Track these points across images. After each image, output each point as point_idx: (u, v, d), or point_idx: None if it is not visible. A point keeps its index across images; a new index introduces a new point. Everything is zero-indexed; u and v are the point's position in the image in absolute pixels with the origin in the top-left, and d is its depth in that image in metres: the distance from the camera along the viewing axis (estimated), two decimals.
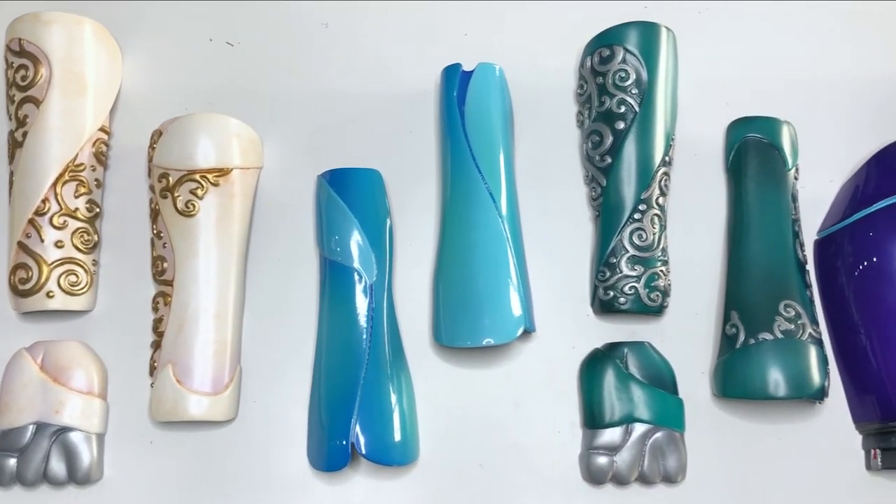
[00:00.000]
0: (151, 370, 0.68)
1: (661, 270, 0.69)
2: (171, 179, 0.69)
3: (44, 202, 0.68)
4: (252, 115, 0.72)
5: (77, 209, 0.69)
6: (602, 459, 0.67)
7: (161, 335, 0.68)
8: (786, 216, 0.71)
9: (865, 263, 0.69)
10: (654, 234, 0.69)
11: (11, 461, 0.66)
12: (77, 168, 0.70)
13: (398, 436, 0.66)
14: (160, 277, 0.69)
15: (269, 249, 0.72)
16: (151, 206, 0.70)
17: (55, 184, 0.69)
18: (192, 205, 0.68)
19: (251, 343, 0.70)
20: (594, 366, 0.69)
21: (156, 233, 0.70)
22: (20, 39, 0.70)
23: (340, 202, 0.69)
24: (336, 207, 0.69)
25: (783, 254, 0.70)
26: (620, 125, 0.70)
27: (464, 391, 0.70)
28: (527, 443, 0.69)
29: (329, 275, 0.69)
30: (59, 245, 0.68)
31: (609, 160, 0.70)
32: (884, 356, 0.68)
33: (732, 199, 0.73)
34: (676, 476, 0.67)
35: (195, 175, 0.68)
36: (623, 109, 0.70)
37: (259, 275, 0.71)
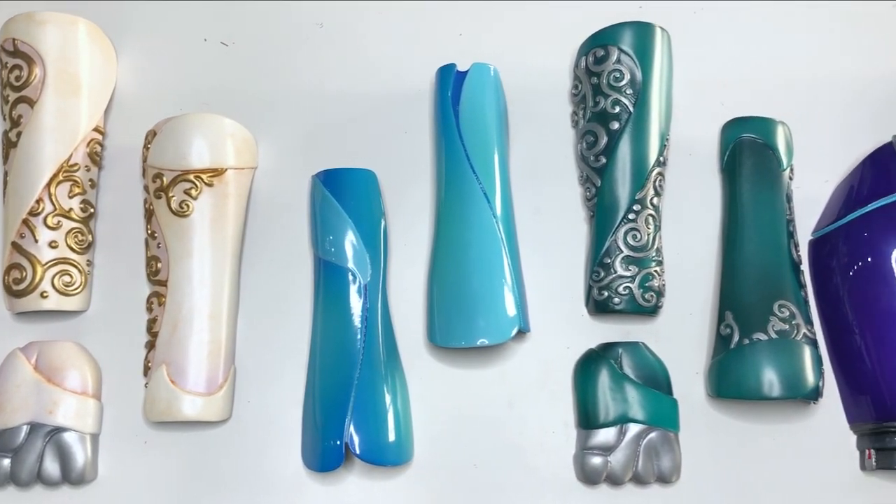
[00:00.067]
0: (145, 370, 0.68)
1: (656, 271, 0.69)
2: (166, 179, 0.69)
3: (38, 202, 0.68)
4: (246, 116, 0.72)
5: (71, 209, 0.69)
6: (596, 460, 0.67)
7: (155, 335, 0.68)
8: (780, 216, 0.71)
9: (860, 264, 0.69)
10: (649, 235, 0.69)
11: (5, 461, 0.66)
12: (71, 168, 0.70)
13: (392, 436, 0.66)
14: (154, 278, 0.69)
15: (264, 250, 0.72)
16: (146, 207, 0.70)
17: (49, 184, 0.69)
18: (187, 205, 0.68)
19: (245, 343, 0.70)
20: (588, 366, 0.69)
21: (150, 233, 0.70)
22: (14, 39, 0.70)
23: (335, 202, 0.69)
24: (330, 208, 0.69)
25: (778, 254, 0.70)
26: (615, 125, 0.70)
27: (458, 391, 0.70)
28: (521, 443, 0.69)
29: (323, 275, 0.69)
30: (54, 245, 0.68)
31: (603, 160, 0.70)
32: (878, 356, 0.68)
33: (727, 200, 0.73)
34: (671, 476, 0.67)
35: (189, 175, 0.68)
36: (617, 110, 0.70)
37: (253, 275, 0.71)
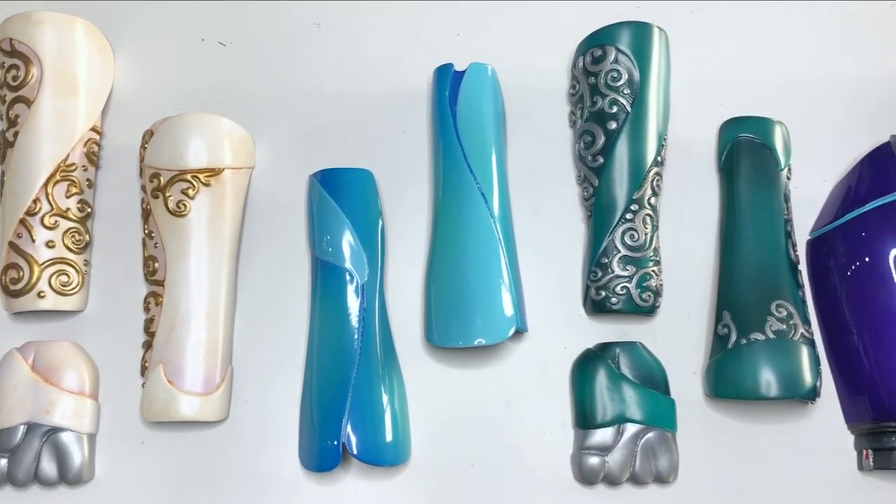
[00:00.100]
0: (143, 370, 0.68)
1: (653, 270, 0.69)
2: (163, 179, 0.69)
3: (35, 202, 0.68)
4: (244, 115, 0.72)
5: (68, 209, 0.69)
6: (594, 460, 0.67)
7: (152, 335, 0.68)
8: (778, 216, 0.71)
9: (858, 263, 0.69)
10: (646, 235, 0.69)
11: (2, 462, 0.66)
12: (68, 168, 0.69)
13: (389, 436, 0.66)
14: (151, 277, 0.69)
15: (261, 249, 0.72)
16: (143, 207, 0.70)
17: (46, 184, 0.69)
18: (184, 205, 0.68)
19: (242, 343, 0.70)
20: (586, 366, 0.69)
21: (147, 233, 0.70)
22: (11, 39, 0.70)
23: (332, 202, 0.69)
24: (328, 207, 0.69)
25: (775, 254, 0.70)
26: (612, 125, 0.70)
27: (456, 391, 0.70)
28: (519, 443, 0.69)
29: (321, 275, 0.69)
30: (51, 245, 0.68)
31: (601, 160, 0.70)
32: (876, 356, 0.68)
33: (725, 200, 0.73)
34: (668, 476, 0.67)
35: (186, 175, 0.68)
36: (615, 109, 0.70)
37: (250, 275, 0.71)
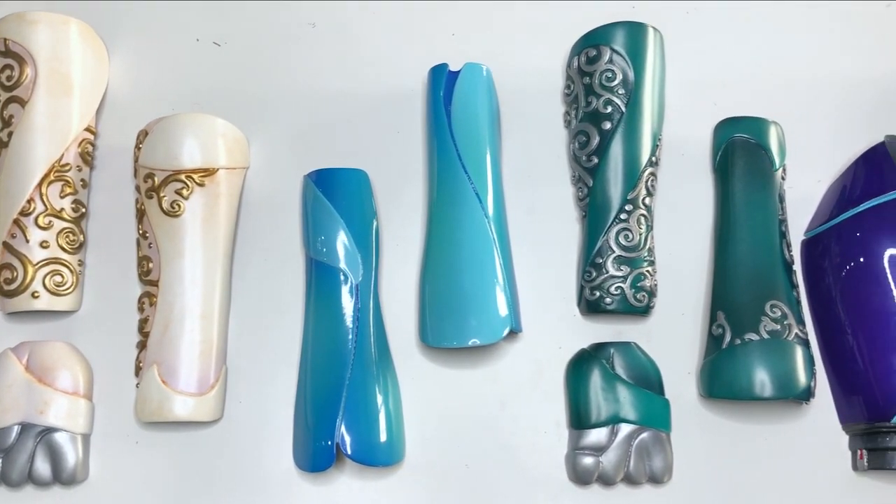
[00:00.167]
0: (137, 370, 0.68)
1: (648, 271, 0.69)
2: (157, 179, 0.68)
3: (29, 202, 0.68)
4: (238, 115, 0.72)
5: (62, 209, 0.69)
6: (588, 460, 0.67)
7: (146, 335, 0.68)
8: (773, 216, 0.71)
9: (852, 264, 0.69)
10: (641, 235, 0.69)
11: None
12: (63, 168, 0.69)
13: (384, 436, 0.66)
14: (146, 278, 0.69)
15: (255, 250, 0.72)
16: (137, 207, 0.70)
17: (40, 184, 0.68)
18: (178, 205, 0.68)
19: (237, 343, 0.70)
20: (580, 366, 0.69)
21: (141, 233, 0.70)
22: (5, 39, 0.70)
23: (326, 202, 0.69)
24: (322, 208, 0.69)
25: (770, 254, 0.70)
26: (607, 125, 0.70)
27: (450, 391, 0.69)
28: (513, 443, 0.69)
29: (315, 275, 0.69)
30: (45, 245, 0.68)
31: (596, 160, 0.70)
32: (870, 356, 0.68)
33: (719, 200, 0.73)
34: (662, 476, 0.67)
35: (181, 175, 0.68)
36: (609, 110, 0.70)
37: (245, 275, 0.71)
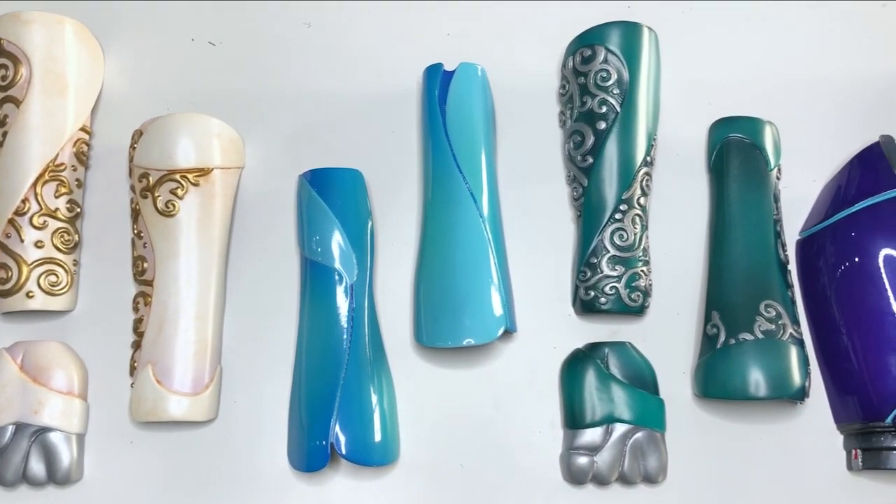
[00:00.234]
0: (132, 370, 0.68)
1: (643, 270, 0.69)
2: (152, 179, 0.68)
3: (24, 202, 0.68)
4: (234, 115, 0.72)
5: (57, 209, 0.69)
6: (582, 460, 0.67)
7: (141, 335, 0.68)
8: (768, 216, 0.71)
9: (847, 264, 0.69)
10: (636, 234, 0.69)
11: None
12: (58, 168, 0.69)
13: (378, 436, 0.66)
14: (140, 277, 0.69)
15: (250, 249, 0.72)
16: (132, 206, 0.70)
17: (35, 183, 0.68)
18: (173, 205, 0.68)
19: (232, 343, 0.70)
20: (575, 366, 0.69)
21: (136, 233, 0.70)
22: (0, 39, 0.70)
23: (321, 202, 0.69)
24: (317, 207, 0.69)
25: (765, 254, 0.70)
26: (602, 125, 0.70)
27: (445, 391, 0.69)
28: (508, 443, 0.69)
29: (310, 275, 0.69)
30: (40, 245, 0.68)
31: (591, 160, 0.70)
32: (865, 356, 0.68)
33: (714, 200, 0.73)
34: (657, 476, 0.67)
35: (175, 175, 0.68)
36: (604, 109, 0.70)
37: (240, 275, 0.71)
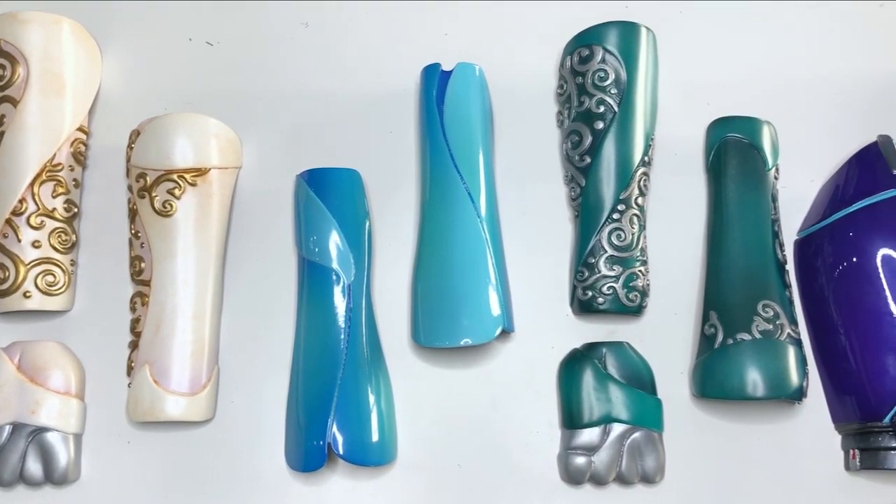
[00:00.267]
0: (129, 370, 0.68)
1: (640, 270, 0.69)
2: (149, 179, 0.68)
3: (21, 202, 0.68)
4: (231, 115, 0.72)
5: (55, 209, 0.69)
6: (580, 460, 0.67)
7: (139, 335, 0.68)
8: (765, 216, 0.71)
9: (845, 264, 0.69)
10: (633, 234, 0.69)
11: None
12: (55, 168, 0.69)
13: (376, 436, 0.66)
14: (138, 277, 0.69)
15: (248, 249, 0.72)
16: (129, 206, 0.70)
17: (33, 184, 0.68)
18: (170, 205, 0.68)
19: (229, 343, 0.70)
20: (573, 366, 0.69)
21: (134, 233, 0.69)
22: None
23: (319, 202, 0.69)
24: (314, 207, 0.69)
25: (762, 254, 0.70)
26: (599, 125, 0.70)
27: (442, 391, 0.69)
28: (505, 443, 0.69)
29: (307, 275, 0.69)
30: (37, 245, 0.68)
31: (588, 160, 0.70)
32: (863, 356, 0.68)
33: (712, 200, 0.73)
34: (654, 476, 0.67)
35: (173, 175, 0.68)
36: (602, 109, 0.70)
37: (237, 275, 0.71)
